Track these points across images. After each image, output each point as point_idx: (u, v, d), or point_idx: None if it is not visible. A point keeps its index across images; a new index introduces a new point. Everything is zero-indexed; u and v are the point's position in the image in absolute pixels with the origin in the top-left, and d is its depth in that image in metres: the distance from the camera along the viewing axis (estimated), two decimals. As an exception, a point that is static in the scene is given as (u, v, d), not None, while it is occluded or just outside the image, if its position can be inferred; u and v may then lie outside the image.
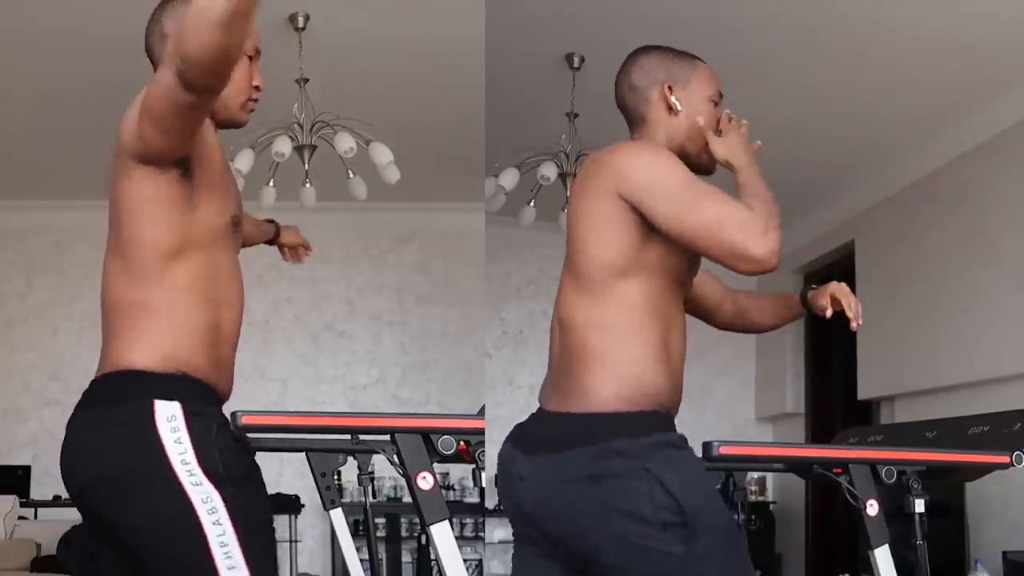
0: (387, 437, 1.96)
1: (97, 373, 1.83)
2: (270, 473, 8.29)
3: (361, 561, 3.36)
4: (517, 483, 1.88)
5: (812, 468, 2.19)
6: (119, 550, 1.80)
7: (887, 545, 2.06)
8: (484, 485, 2.07)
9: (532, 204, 5.24)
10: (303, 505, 6.89)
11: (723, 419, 7.66)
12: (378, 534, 5.91)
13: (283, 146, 4.49)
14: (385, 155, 4.63)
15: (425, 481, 1.90)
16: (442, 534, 1.89)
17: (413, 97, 5.38)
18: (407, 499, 6.47)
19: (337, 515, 3.20)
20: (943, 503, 5.00)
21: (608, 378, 1.81)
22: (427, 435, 1.93)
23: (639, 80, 2.02)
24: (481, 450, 1.98)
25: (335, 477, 3.20)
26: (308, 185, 4.78)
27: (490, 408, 7.55)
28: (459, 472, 7.02)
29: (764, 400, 7.87)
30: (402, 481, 2.40)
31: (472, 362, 7.22)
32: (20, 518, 6.01)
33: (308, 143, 4.62)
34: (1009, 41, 4.50)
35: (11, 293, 7.19)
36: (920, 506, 2.15)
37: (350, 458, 3.04)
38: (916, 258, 5.89)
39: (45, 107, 5.50)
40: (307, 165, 4.65)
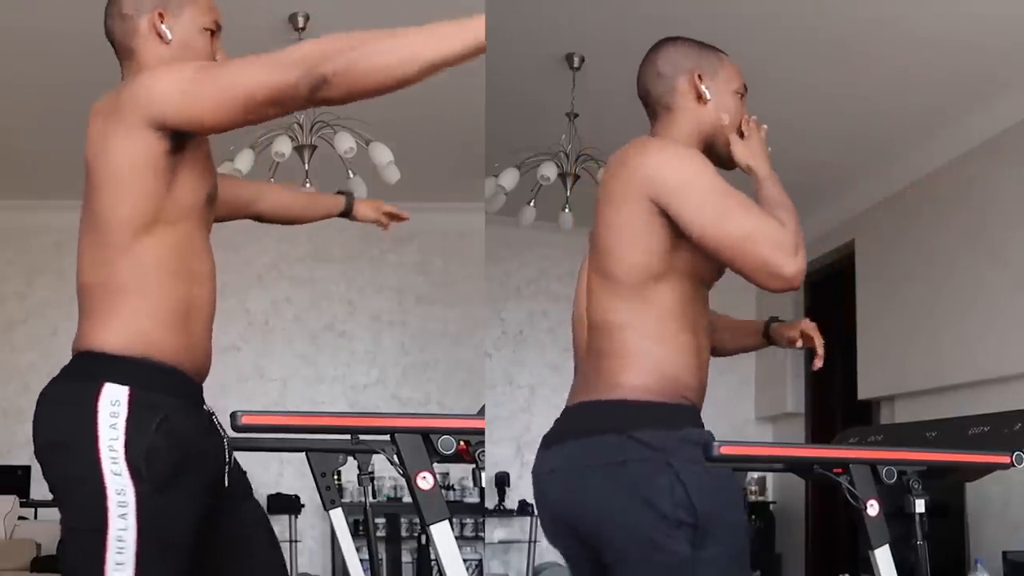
0: (387, 437, 1.95)
1: (72, 349, 1.86)
2: (270, 473, 8.26)
3: (361, 561, 3.36)
4: (546, 477, 1.90)
5: (812, 468, 2.18)
6: None
7: (887, 545, 2.06)
8: (484, 485, 2.08)
9: (532, 204, 5.24)
10: (303, 505, 6.90)
11: (723, 419, 7.64)
12: (378, 534, 5.92)
13: (283, 146, 4.50)
14: (385, 155, 4.64)
15: (425, 481, 1.89)
16: (442, 534, 1.88)
17: (413, 97, 5.34)
18: (407, 499, 6.47)
19: (337, 515, 3.20)
20: (943, 503, 5.00)
21: (637, 371, 1.82)
22: (427, 435, 1.93)
23: (667, 68, 1.98)
24: (481, 450, 1.97)
25: (335, 477, 3.20)
26: (308, 185, 4.78)
27: (490, 408, 7.56)
28: (459, 472, 7.02)
29: (764, 400, 7.87)
30: (402, 481, 2.39)
31: (472, 362, 7.22)
32: (20, 518, 6.02)
33: (308, 143, 4.62)
34: (1010, 40, 4.50)
35: (11, 293, 7.19)
36: (920, 506, 2.15)
37: (350, 458, 3.04)
38: (916, 258, 5.89)
39: (45, 107, 5.50)
40: (307, 165, 4.65)
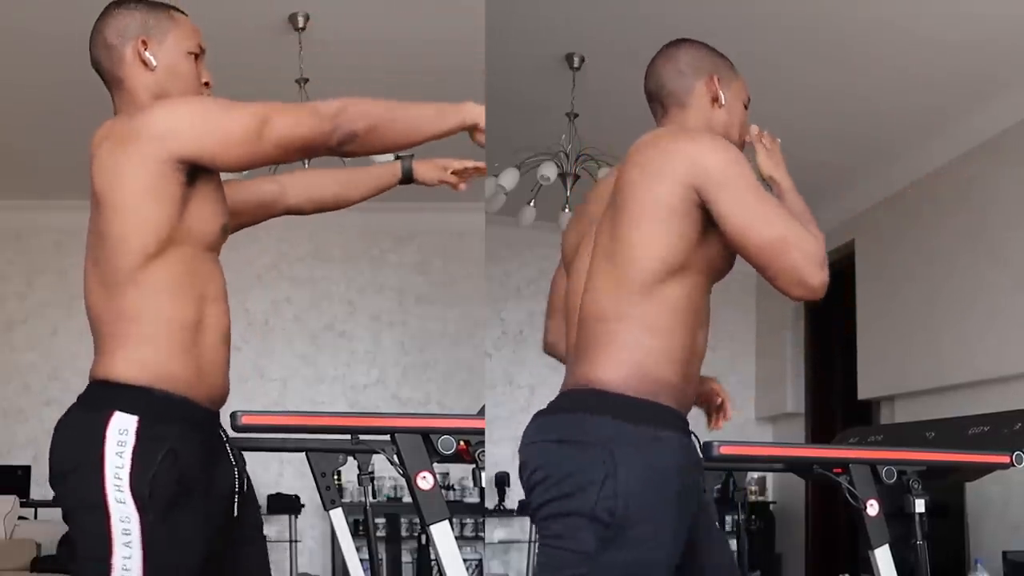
0: (387, 437, 1.96)
1: (88, 379, 1.86)
2: (270, 473, 8.26)
3: (361, 561, 3.36)
4: (522, 448, 1.90)
5: (812, 468, 2.18)
6: None
7: (887, 545, 2.06)
8: (484, 485, 2.08)
9: (532, 204, 5.24)
10: (303, 505, 6.89)
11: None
12: (378, 534, 5.91)
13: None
14: (385, 155, 4.64)
15: (425, 481, 1.90)
16: (442, 534, 1.89)
17: (413, 97, 5.34)
18: (407, 499, 6.48)
19: (337, 515, 3.20)
20: (943, 503, 4.99)
21: (616, 364, 1.79)
22: (427, 435, 1.93)
23: (687, 67, 2.01)
24: (481, 450, 1.97)
25: (335, 477, 3.21)
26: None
27: (490, 408, 7.56)
28: (459, 472, 7.02)
29: (764, 400, 7.87)
30: (402, 481, 2.40)
31: (472, 362, 7.22)
32: (20, 518, 6.01)
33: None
34: (1010, 40, 4.50)
35: (11, 293, 7.19)
36: (920, 506, 2.15)
37: (350, 458, 3.04)
38: (916, 258, 5.89)
39: (46, 107, 5.50)
40: (307, 165, 4.64)
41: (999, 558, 4.69)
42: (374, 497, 6.84)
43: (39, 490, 6.49)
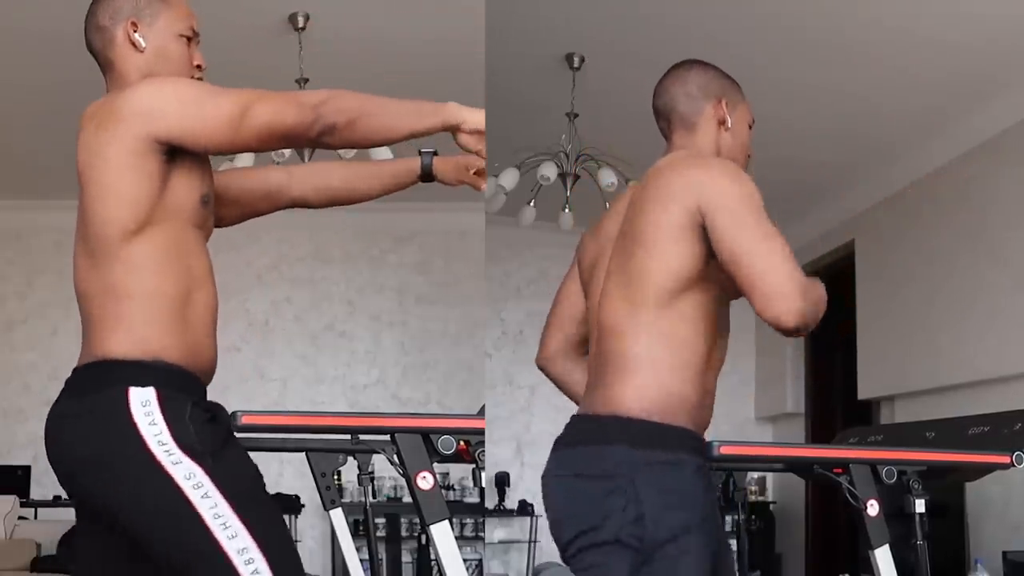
0: (387, 437, 1.96)
1: (79, 362, 1.87)
2: (270, 473, 8.29)
3: (361, 561, 3.36)
4: (548, 481, 1.92)
5: (812, 468, 2.18)
6: (107, 528, 1.80)
7: (887, 545, 2.06)
8: (484, 485, 2.08)
9: (532, 204, 5.24)
10: (303, 505, 6.89)
11: (723, 419, 7.61)
12: (378, 534, 5.91)
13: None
14: (385, 155, 4.63)
15: (425, 481, 1.90)
16: (442, 534, 1.89)
17: (413, 96, 5.38)
18: (407, 499, 6.48)
19: (337, 515, 3.20)
20: (943, 503, 4.99)
21: (633, 388, 1.81)
22: (427, 435, 1.93)
23: (696, 90, 2.04)
24: (481, 450, 1.98)
25: (335, 477, 3.21)
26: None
27: (490, 408, 7.56)
28: (459, 472, 7.01)
29: (764, 400, 7.87)
30: (402, 481, 2.40)
31: (472, 362, 7.22)
32: (20, 518, 6.01)
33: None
34: (1010, 40, 4.50)
35: (11, 293, 7.19)
36: (920, 506, 2.15)
37: (350, 458, 3.05)
38: (917, 258, 5.89)
39: (45, 107, 5.49)
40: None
41: (999, 558, 4.69)
42: (374, 497, 6.84)
43: (39, 490, 6.49)
